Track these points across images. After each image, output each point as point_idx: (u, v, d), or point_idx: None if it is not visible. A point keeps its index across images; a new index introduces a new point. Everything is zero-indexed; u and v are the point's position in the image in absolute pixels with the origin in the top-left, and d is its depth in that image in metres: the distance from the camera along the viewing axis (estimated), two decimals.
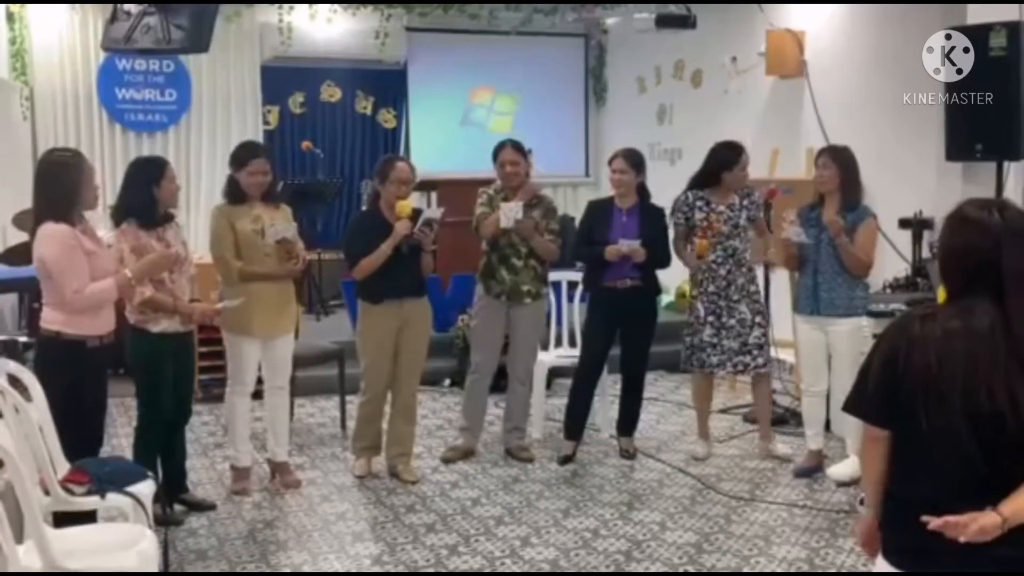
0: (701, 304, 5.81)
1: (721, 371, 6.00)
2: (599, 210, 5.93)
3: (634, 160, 5.82)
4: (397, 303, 5.45)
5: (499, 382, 6.19)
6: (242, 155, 5.26)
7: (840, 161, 5.31)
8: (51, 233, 4.16)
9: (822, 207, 5.37)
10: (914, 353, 2.41)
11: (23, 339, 6.02)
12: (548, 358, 6.52)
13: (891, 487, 2.54)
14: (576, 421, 5.91)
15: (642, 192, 5.86)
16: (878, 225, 5.53)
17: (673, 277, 8.97)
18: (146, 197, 4.75)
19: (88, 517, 3.86)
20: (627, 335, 5.90)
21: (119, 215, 4.80)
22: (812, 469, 5.60)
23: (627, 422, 6.07)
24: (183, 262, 4.86)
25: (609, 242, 5.67)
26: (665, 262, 5.88)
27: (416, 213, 5.49)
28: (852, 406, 2.61)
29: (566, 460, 5.81)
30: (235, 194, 5.22)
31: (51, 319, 4.26)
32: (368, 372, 5.56)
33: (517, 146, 5.83)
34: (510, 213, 5.61)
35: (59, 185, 4.21)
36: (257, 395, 5.49)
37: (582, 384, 5.96)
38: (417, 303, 5.54)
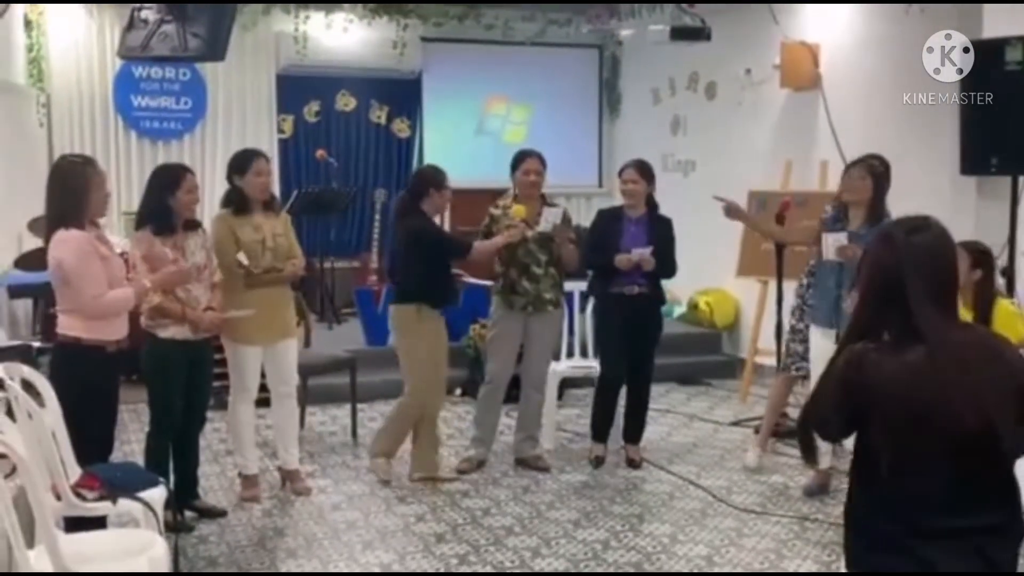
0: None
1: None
2: (609, 219, 5.97)
3: (644, 171, 5.87)
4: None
5: (510, 391, 6.19)
6: (243, 159, 5.29)
7: (876, 175, 5.25)
8: (67, 239, 4.17)
9: (845, 220, 5.32)
10: (880, 388, 2.39)
11: (37, 344, 6.05)
12: (561, 368, 6.52)
13: (866, 522, 2.49)
14: (603, 426, 6.04)
15: (650, 203, 5.90)
16: None
17: (686, 288, 8.99)
18: (160, 205, 4.79)
19: (99, 523, 3.87)
20: (634, 343, 5.91)
21: (137, 221, 4.88)
22: (820, 488, 5.53)
23: (634, 430, 6.08)
24: (202, 271, 4.88)
25: (620, 250, 5.72)
26: (670, 272, 5.93)
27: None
28: (817, 426, 2.59)
29: (599, 461, 5.94)
30: (237, 203, 5.23)
31: (69, 325, 4.27)
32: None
33: (541, 157, 5.84)
34: (551, 218, 5.67)
35: (68, 190, 4.24)
36: (266, 402, 5.49)
37: (607, 394, 6.02)
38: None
